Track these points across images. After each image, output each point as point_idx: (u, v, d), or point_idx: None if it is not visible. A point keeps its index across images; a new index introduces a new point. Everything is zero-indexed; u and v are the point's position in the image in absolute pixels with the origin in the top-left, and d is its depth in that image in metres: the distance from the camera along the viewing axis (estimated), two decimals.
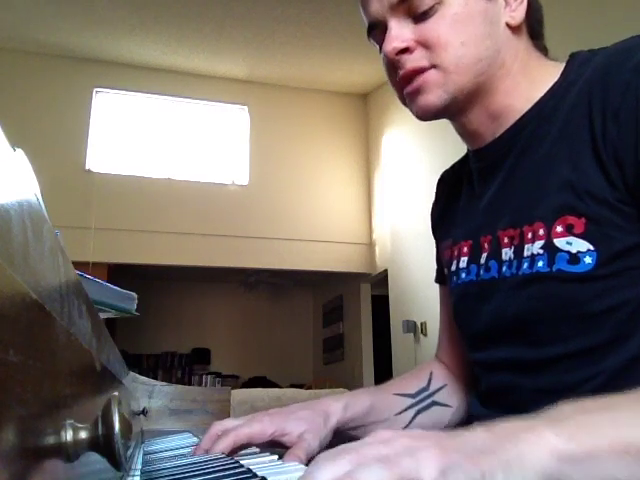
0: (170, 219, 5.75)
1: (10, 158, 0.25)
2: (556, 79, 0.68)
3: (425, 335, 5.03)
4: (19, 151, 0.63)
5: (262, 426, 0.66)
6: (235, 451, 0.63)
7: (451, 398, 0.85)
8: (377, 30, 0.71)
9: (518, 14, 0.69)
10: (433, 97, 0.68)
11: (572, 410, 0.40)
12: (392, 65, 0.70)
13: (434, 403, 0.83)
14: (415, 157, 5.57)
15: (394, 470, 0.31)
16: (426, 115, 0.70)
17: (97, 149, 5.84)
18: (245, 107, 6.43)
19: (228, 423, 0.68)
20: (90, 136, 5.82)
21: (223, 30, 5.49)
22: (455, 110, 0.71)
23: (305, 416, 0.70)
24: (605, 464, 0.36)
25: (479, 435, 0.37)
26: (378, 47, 0.72)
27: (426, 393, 0.84)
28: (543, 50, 0.73)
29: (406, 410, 0.82)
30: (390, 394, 0.83)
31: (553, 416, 0.39)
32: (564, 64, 0.69)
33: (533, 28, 0.72)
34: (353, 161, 6.61)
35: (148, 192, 5.80)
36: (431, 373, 0.86)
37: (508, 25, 0.69)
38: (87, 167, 5.72)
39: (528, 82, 0.69)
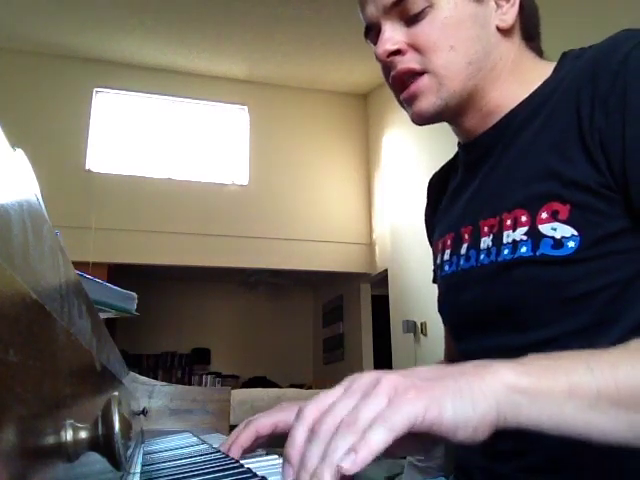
0: (170, 219, 5.74)
1: (10, 158, 0.25)
2: (547, 76, 0.69)
3: (425, 335, 5.03)
4: (19, 151, 0.63)
5: (287, 414, 0.63)
6: (260, 442, 0.62)
7: None
8: (373, 32, 0.73)
9: (509, 17, 0.70)
10: (427, 104, 0.70)
11: (534, 357, 0.43)
12: (386, 66, 0.72)
13: None
14: (415, 157, 5.57)
15: (355, 429, 0.36)
16: (421, 121, 0.72)
17: (97, 149, 5.83)
18: (245, 107, 6.42)
19: (257, 416, 0.66)
20: (90, 136, 5.82)
21: (223, 30, 5.49)
22: (449, 115, 0.72)
23: None
24: (554, 401, 0.39)
25: (435, 368, 0.42)
26: (374, 48, 0.74)
27: None
28: (538, 51, 0.74)
29: None
30: None
31: (514, 360, 0.42)
32: (556, 63, 0.70)
33: (527, 30, 0.73)
34: (353, 161, 6.61)
35: (148, 192, 5.80)
36: None
37: (498, 28, 0.70)
38: (87, 167, 5.72)
39: (519, 83, 0.71)
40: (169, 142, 6.15)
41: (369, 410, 0.37)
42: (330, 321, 7.26)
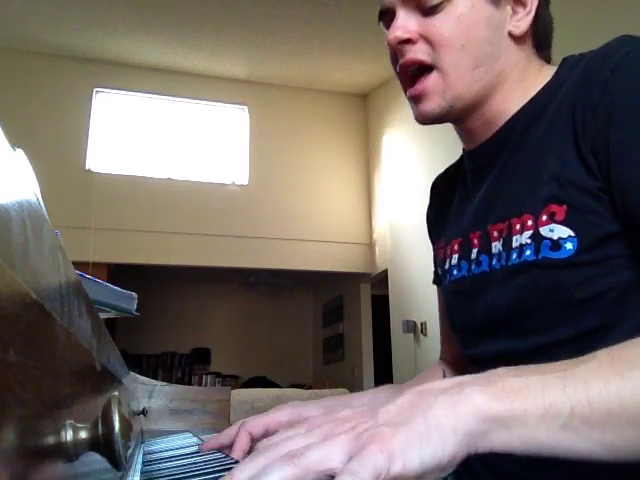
0: (170, 219, 5.74)
1: (10, 158, 0.25)
2: (548, 80, 0.70)
3: (425, 335, 5.03)
4: (19, 151, 0.63)
5: (280, 414, 0.65)
6: (255, 444, 0.62)
7: None
8: (386, 17, 0.73)
9: (522, 24, 0.70)
10: (433, 104, 0.70)
11: (505, 373, 0.41)
12: (394, 54, 0.72)
13: None
14: (415, 157, 5.57)
15: (300, 464, 0.34)
16: (425, 121, 0.73)
17: (97, 149, 5.84)
18: (245, 107, 6.42)
19: (249, 418, 0.67)
20: (90, 136, 5.82)
21: (223, 30, 5.49)
22: (453, 117, 0.73)
23: (326, 405, 0.70)
24: (527, 424, 0.38)
25: (402, 402, 0.39)
26: (387, 34, 0.73)
27: None
28: (547, 60, 0.75)
29: None
30: None
31: (485, 377, 0.41)
32: (556, 68, 0.71)
33: (538, 39, 0.73)
34: (353, 161, 6.61)
35: (148, 192, 5.80)
36: (443, 371, 0.88)
37: (511, 34, 0.70)
38: (87, 167, 5.72)
39: (523, 89, 0.71)
40: (169, 142, 6.16)
41: (320, 453, 0.35)
42: (330, 321, 7.26)
